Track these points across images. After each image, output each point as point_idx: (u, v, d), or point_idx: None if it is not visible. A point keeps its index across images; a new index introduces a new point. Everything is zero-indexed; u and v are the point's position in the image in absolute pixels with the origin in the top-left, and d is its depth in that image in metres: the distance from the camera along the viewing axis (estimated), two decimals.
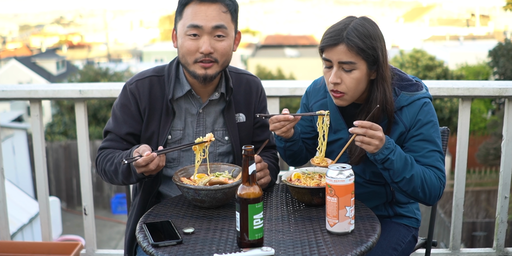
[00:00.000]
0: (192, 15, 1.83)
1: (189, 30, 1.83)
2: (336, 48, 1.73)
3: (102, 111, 15.54)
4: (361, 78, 1.77)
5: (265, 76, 24.92)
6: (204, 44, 1.83)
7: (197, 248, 1.47)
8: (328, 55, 1.76)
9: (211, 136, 1.79)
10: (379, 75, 1.78)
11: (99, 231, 10.70)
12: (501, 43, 15.85)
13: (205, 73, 1.86)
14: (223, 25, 1.84)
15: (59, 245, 2.88)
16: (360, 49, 1.72)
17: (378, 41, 1.75)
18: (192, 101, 1.98)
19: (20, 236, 7.69)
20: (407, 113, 1.80)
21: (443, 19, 61.64)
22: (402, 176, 1.71)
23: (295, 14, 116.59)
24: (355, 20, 1.77)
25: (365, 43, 1.72)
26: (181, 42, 1.87)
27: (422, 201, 1.79)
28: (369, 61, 1.75)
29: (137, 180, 1.82)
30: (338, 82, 1.76)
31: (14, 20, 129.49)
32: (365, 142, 1.67)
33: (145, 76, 1.97)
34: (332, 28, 1.77)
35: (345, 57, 1.73)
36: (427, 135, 1.79)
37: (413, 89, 1.83)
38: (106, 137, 1.97)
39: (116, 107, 1.97)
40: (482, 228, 8.58)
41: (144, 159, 1.67)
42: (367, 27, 1.74)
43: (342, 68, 1.76)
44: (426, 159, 1.78)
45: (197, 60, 1.85)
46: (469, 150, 2.80)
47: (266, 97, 2.17)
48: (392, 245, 1.88)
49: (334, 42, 1.73)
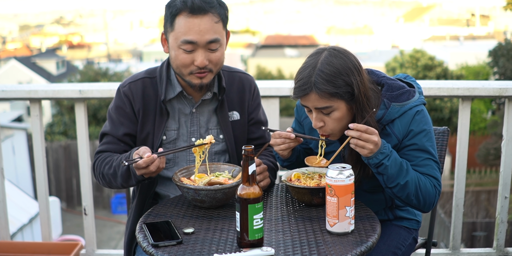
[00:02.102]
0: (185, 29, 1.80)
1: (183, 45, 1.82)
2: (308, 97, 1.70)
3: (102, 111, 15.53)
4: (342, 116, 1.74)
5: (265, 76, 24.94)
6: (199, 58, 1.83)
7: (197, 248, 1.47)
8: (303, 102, 1.74)
9: (211, 138, 1.79)
10: (359, 107, 1.73)
11: (99, 231, 10.70)
12: (501, 43, 15.85)
13: (201, 83, 1.88)
14: (216, 38, 1.83)
15: (59, 245, 2.88)
16: (331, 93, 1.68)
17: (350, 74, 1.69)
18: (184, 101, 1.99)
19: (20, 236, 7.68)
20: (399, 124, 1.77)
21: (443, 19, 61.65)
22: (396, 182, 1.69)
23: (295, 14, 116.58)
24: (321, 58, 1.71)
25: (335, 84, 1.67)
26: (174, 55, 1.86)
27: (416, 208, 1.77)
28: (346, 98, 1.70)
29: (137, 183, 1.82)
30: (322, 125, 1.75)
31: (14, 20, 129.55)
32: (359, 145, 1.66)
33: (138, 78, 1.98)
34: (299, 74, 1.73)
35: (319, 103, 1.70)
36: (420, 145, 1.76)
37: (404, 99, 1.78)
38: (103, 140, 1.98)
39: (111, 110, 1.98)
40: (482, 228, 8.58)
41: (144, 160, 1.67)
42: (335, 64, 1.69)
43: (321, 112, 1.73)
44: (421, 168, 1.76)
45: (192, 72, 1.86)
46: (469, 150, 2.80)
47: (264, 97, 2.17)
48: (391, 249, 1.86)
49: (304, 92, 1.70)
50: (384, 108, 1.78)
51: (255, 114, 2.09)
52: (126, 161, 1.67)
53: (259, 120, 2.10)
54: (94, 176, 1.97)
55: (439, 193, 1.77)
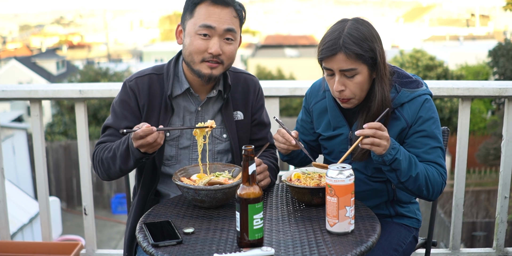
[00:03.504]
0: (205, 15, 1.85)
1: (201, 29, 1.85)
2: (335, 57, 1.74)
3: (102, 111, 15.54)
4: (364, 81, 1.79)
5: (265, 76, 24.94)
6: (214, 46, 1.85)
7: (197, 248, 1.47)
8: (328, 64, 1.78)
9: (213, 122, 1.81)
10: (379, 74, 1.80)
11: (99, 231, 10.70)
12: (501, 43, 15.85)
13: (211, 73, 1.89)
14: (233, 28, 1.88)
15: (59, 245, 2.88)
16: (358, 55, 1.73)
17: (374, 41, 1.76)
18: (190, 99, 1.99)
19: (20, 236, 7.69)
20: (408, 109, 1.82)
21: (443, 19, 61.66)
22: (409, 175, 1.72)
23: (295, 14, 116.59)
24: (348, 24, 1.77)
25: (362, 47, 1.73)
26: (190, 41, 1.88)
27: (425, 198, 1.81)
28: (369, 63, 1.76)
29: (135, 162, 1.79)
30: (343, 89, 1.79)
31: (14, 20, 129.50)
32: (376, 143, 1.66)
33: (145, 73, 1.99)
34: (327, 37, 1.77)
35: (345, 65, 1.74)
36: (429, 131, 1.81)
37: (414, 86, 1.85)
38: (105, 132, 1.98)
39: (115, 103, 1.99)
40: (482, 228, 8.58)
41: (143, 129, 1.67)
42: (362, 30, 1.75)
43: (344, 75, 1.77)
44: (429, 155, 1.80)
45: (205, 60, 1.88)
46: (469, 150, 2.80)
47: (264, 97, 2.18)
48: (393, 246, 1.88)
49: (332, 52, 1.74)
50: (395, 92, 1.84)
51: (258, 115, 2.10)
52: (125, 131, 1.68)
53: (262, 121, 2.11)
54: (93, 166, 1.96)
55: (445, 181, 1.82)
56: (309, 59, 30.33)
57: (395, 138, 1.84)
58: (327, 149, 2.02)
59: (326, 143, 2.00)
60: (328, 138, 1.97)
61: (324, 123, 1.98)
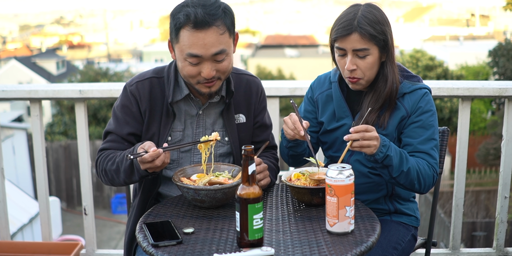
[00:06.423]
0: (189, 42, 1.75)
1: (188, 58, 1.79)
2: (349, 37, 1.82)
3: (102, 111, 15.54)
4: (374, 62, 1.86)
5: (265, 76, 24.92)
6: (206, 70, 1.80)
7: (197, 248, 1.47)
8: (341, 44, 1.84)
9: (217, 135, 1.81)
10: (389, 57, 1.88)
11: (99, 231, 10.70)
12: (501, 43, 15.84)
13: (210, 91, 1.87)
14: (222, 49, 1.78)
15: (59, 245, 2.88)
16: (372, 35, 1.81)
17: (386, 25, 1.85)
18: (191, 103, 1.98)
19: (20, 236, 7.69)
20: (408, 99, 1.90)
21: (443, 19, 61.64)
22: (400, 170, 1.76)
23: (295, 14, 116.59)
24: (361, 8, 1.85)
25: (375, 29, 1.81)
26: (181, 65, 1.83)
27: (417, 191, 1.85)
28: (380, 45, 1.84)
29: (140, 178, 1.81)
30: (354, 68, 1.85)
31: (14, 20, 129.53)
32: (365, 145, 1.70)
33: (145, 77, 1.96)
34: (342, 18, 1.86)
35: (359, 44, 1.82)
36: (426, 122, 1.88)
37: (415, 80, 1.94)
38: (107, 138, 1.96)
39: (116, 108, 1.97)
40: (482, 228, 8.58)
41: (150, 154, 1.66)
42: (375, 14, 1.84)
43: (356, 55, 1.85)
44: (423, 145, 1.86)
45: (200, 82, 1.84)
46: (469, 150, 2.80)
47: (266, 97, 2.18)
48: (392, 244, 1.89)
49: (347, 32, 1.82)
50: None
51: (261, 118, 2.09)
52: (132, 155, 1.66)
53: (264, 123, 2.10)
54: (97, 174, 1.96)
55: (437, 173, 1.87)
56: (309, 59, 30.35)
57: (395, 127, 1.89)
58: (327, 143, 2.04)
59: (328, 136, 2.02)
60: (331, 130, 2.00)
61: (328, 112, 2.02)
